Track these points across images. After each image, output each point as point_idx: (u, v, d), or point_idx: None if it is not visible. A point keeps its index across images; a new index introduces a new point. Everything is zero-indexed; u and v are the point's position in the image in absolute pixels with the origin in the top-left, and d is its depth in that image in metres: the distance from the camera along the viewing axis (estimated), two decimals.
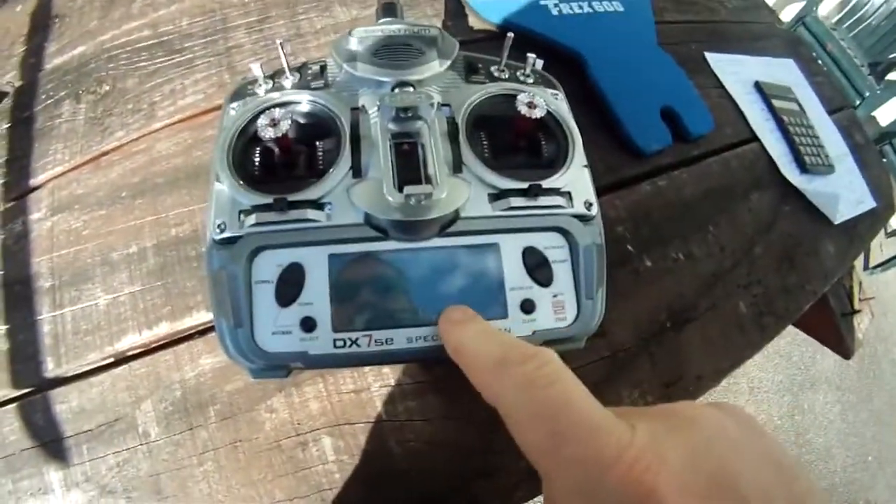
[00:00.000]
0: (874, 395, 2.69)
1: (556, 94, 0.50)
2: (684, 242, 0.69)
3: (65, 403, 0.53)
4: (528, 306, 0.41)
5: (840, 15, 2.84)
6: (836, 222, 0.83)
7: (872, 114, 2.82)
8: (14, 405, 0.54)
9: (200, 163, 0.64)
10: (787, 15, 3.05)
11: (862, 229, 0.89)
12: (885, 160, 2.62)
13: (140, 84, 0.72)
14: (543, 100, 0.44)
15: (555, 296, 0.42)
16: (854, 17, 2.78)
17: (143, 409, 0.52)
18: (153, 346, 0.55)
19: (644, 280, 0.64)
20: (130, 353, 0.55)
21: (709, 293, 0.67)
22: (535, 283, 0.42)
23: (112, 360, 0.55)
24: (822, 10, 2.85)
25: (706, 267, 0.68)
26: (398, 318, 0.40)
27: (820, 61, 2.64)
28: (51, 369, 0.55)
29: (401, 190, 0.37)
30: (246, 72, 0.70)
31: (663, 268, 0.66)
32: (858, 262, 2.68)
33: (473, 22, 0.81)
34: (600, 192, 0.46)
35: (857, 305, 1.71)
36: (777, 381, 2.47)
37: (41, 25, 0.83)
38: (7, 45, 0.82)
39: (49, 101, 0.73)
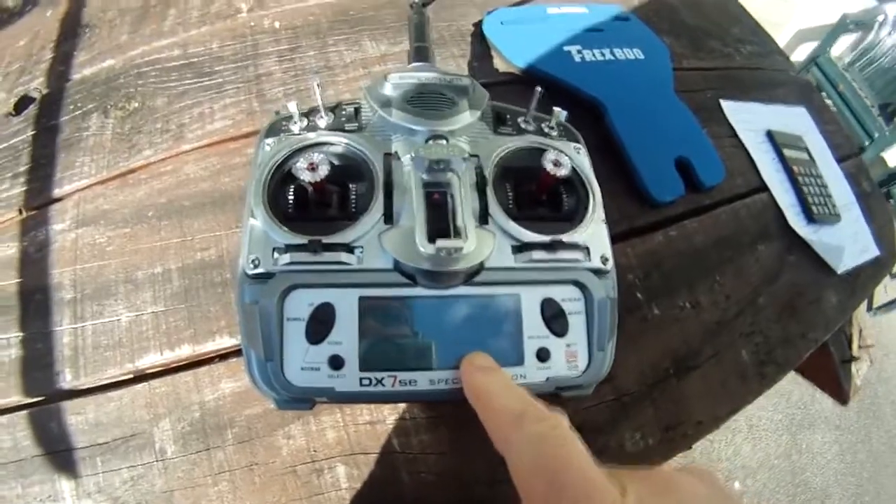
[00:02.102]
0: (873, 436, 2.68)
1: (579, 149, 0.52)
2: (691, 291, 0.70)
3: (81, 415, 0.54)
4: (543, 355, 0.43)
5: (852, 55, 2.86)
6: (839, 272, 0.84)
7: (881, 154, 2.84)
8: (28, 412, 0.55)
9: (228, 189, 0.65)
10: (801, 54, 3.07)
11: (864, 278, 0.90)
12: (891, 200, 2.64)
13: (169, 104, 0.73)
14: (568, 157, 0.45)
15: (568, 345, 0.44)
16: (866, 58, 2.80)
17: (161, 426, 0.53)
18: (174, 366, 0.56)
19: (651, 327, 0.66)
20: (150, 371, 0.56)
21: (712, 341, 0.68)
22: (551, 332, 0.43)
23: (132, 376, 0.56)
24: (835, 51, 2.87)
25: (711, 316, 0.69)
26: (422, 360, 0.41)
27: (830, 101, 2.69)
28: (69, 380, 0.56)
29: (432, 241, 0.38)
30: (275, 101, 0.72)
31: (670, 316, 0.67)
32: (860, 309, 2.69)
33: (498, 64, 0.82)
34: (614, 239, 0.47)
35: (856, 353, 1.72)
36: (776, 420, 2.46)
37: (71, 34, 0.85)
38: (36, 50, 0.84)
39: (77, 113, 0.74)
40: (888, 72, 2.74)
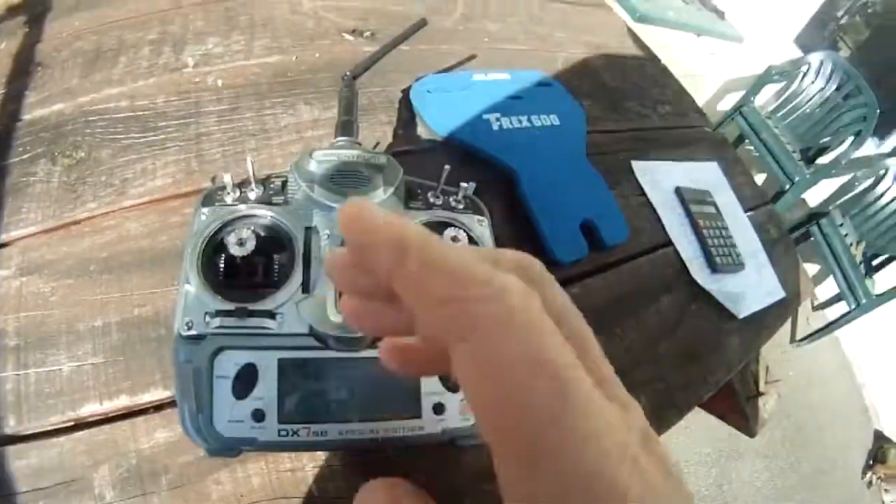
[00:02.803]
0: (803, 461, 2.78)
1: (482, 221, 0.58)
2: None
3: (23, 460, 0.56)
4: (439, 409, 0.50)
5: (777, 103, 3.03)
6: (740, 317, 0.91)
7: (802, 196, 3.00)
8: None
9: (165, 248, 0.68)
10: (727, 104, 3.25)
11: (769, 320, 0.97)
12: (812, 239, 2.79)
13: (114, 157, 0.75)
14: (466, 232, 0.52)
15: (462, 400, 0.50)
16: (789, 106, 2.97)
17: (100, 472, 0.55)
18: (112, 415, 0.59)
19: None
20: (90, 419, 0.58)
21: None
22: (446, 389, 0.50)
23: (73, 423, 0.58)
24: (760, 100, 3.04)
25: None
26: (333, 413, 0.47)
27: (753, 148, 2.83)
28: (12, 426, 0.57)
29: (341, 310, 0.44)
30: (213, 161, 0.76)
31: None
32: (766, 347, 2.80)
33: (421, 131, 0.87)
34: None
35: (762, 388, 1.80)
36: (704, 454, 2.50)
37: (23, 71, 0.84)
38: None
39: (25, 156, 0.74)
40: (810, 117, 2.91)
